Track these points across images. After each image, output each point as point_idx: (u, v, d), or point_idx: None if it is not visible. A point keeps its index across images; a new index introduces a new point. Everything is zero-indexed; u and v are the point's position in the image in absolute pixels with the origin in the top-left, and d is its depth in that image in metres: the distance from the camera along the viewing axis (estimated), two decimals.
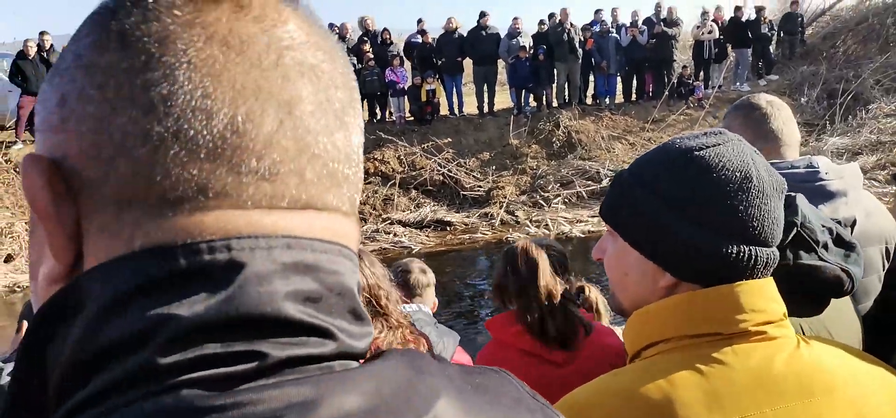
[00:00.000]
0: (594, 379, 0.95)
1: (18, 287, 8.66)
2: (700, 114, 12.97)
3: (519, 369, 1.87)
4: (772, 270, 0.92)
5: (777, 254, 0.92)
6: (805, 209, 1.33)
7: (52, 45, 11.69)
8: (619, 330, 2.52)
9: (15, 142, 11.31)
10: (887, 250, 1.98)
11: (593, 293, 2.75)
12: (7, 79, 11.58)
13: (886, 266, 1.98)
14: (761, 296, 0.88)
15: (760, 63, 14.48)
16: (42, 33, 11.70)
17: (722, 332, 0.86)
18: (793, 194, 1.38)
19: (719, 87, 13.76)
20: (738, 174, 0.87)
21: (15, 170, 10.46)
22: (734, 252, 0.87)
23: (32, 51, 11.31)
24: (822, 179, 1.71)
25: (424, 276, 2.57)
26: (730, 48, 14.14)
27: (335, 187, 0.41)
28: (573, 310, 1.90)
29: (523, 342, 1.87)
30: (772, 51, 14.73)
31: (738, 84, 14.03)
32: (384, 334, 1.88)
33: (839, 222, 1.40)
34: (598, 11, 13.76)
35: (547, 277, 1.89)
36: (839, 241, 1.27)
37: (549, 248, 2.04)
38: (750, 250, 0.87)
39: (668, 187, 0.90)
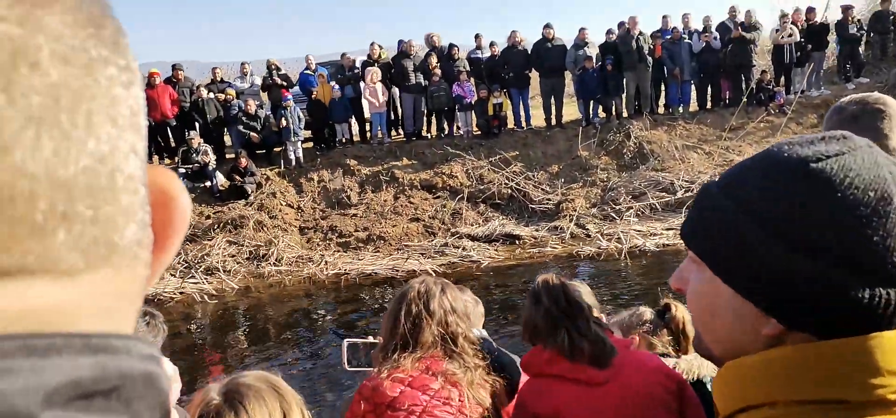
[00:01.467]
0: None
1: None
2: (782, 121, 12.35)
3: (557, 395, 1.83)
4: None
5: None
6: None
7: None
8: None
9: None
10: None
11: (681, 312, 2.50)
12: None
13: None
14: None
15: (848, 65, 13.67)
16: None
17: (849, 400, 0.66)
18: None
19: (802, 91, 13.06)
20: (872, 193, 0.66)
21: None
22: (866, 295, 0.66)
23: None
24: None
25: (479, 308, 2.60)
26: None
27: (34, 237, 0.24)
28: (601, 331, 1.89)
29: (556, 367, 1.83)
30: (861, 52, 13.88)
31: (813, 89, 13.28)
32: (461, 373, 1.87)
33: None
34: (665, 17, 13.37)
35: (570, 301, 1.88)
36: None
37: (572, 284, 2.03)
38: (887, 293, 0.66)
39: (774, 208, 0.69)
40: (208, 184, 11.54)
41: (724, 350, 0.77)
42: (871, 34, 14.14)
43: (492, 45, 13.32)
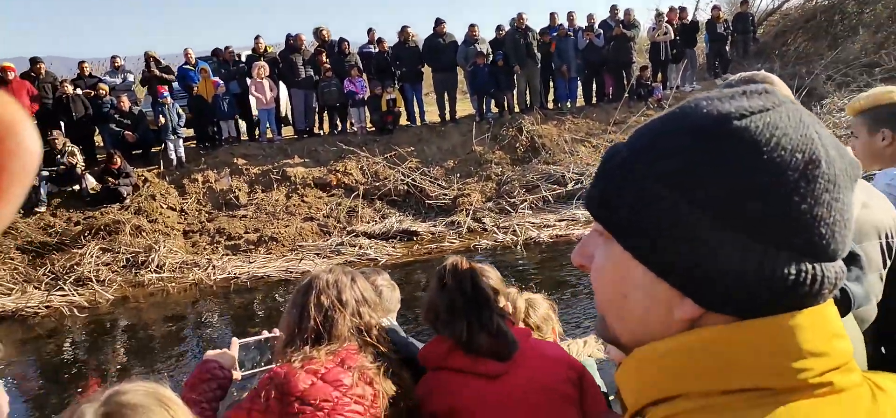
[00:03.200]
0: None
1: None
2: (660, 114, 13.06)
3: (455, 391, 1.73)
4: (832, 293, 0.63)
5: (844, 270, 0.63)
6: None
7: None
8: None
9: None
10: (888, 244, 1.81)
11: (520, 301, 2.34)
12: None
13: (889, 262, 1.82)
14: (824, 332, 0.60)
15: (717, 62, 14.73)
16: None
17: (772, 387, 0.59)
18: None
19: (677, 87, 13.91)
20: (799, 156, 0.58)
21: None
22: (792, 271, 0.58)
23: None
24: None
25: (395, 293, 2.48)
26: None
27: None
28: (503, 323, 1.82)
29: (455, 360, 1.77)
30: (727, 50, 15.01)
31: (687, 85, 14.23)
32: (375, 368, 1.72)
33: None
34: (552, 15, 13.78)
35: (475, 290, 1.81)
36: None
37: (481, 269, 1.93)
38: (813, 268, 0.59)
39: (690, 172, 0.59)
40: (77, 187, 10.54)
41: (633, 335, 0.67)
42: (735, 34, 15.33)
43: (380, 41, 13.14)
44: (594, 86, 14.06)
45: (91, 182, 10.61)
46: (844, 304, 1.49)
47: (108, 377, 6.83)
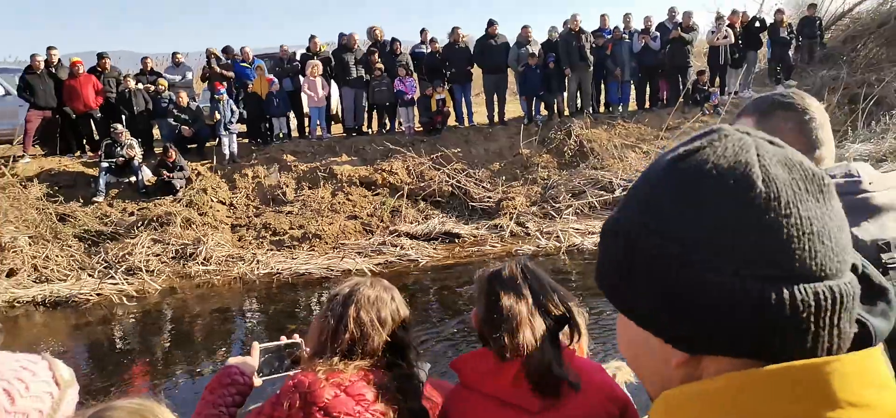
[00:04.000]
0: None
1: (18, 302, 8.56)
2: (716, 121, 12.61)
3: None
4: (853, 316, 0.59)
5: (852, 286, 0.59)
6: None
7: (59, 60, 11.69)
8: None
9: (23, 156, 11.28)
10: None
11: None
12: (17, 94, 11.59)
13: None
14: (864, 381, 0.56)
15: (779, 68, 14.11)
16: (49, 48, 11.69)
17: None
18: None
19: (736, 92, 13.39)
20: (731, 181, 0.58)
21: (22, 185, 10.42)
22: (764, 299, 0.55)
23: (40, 65, 11.31)
24: (865, 190, 1.43)
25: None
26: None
27: None
28: (555, 354, 1.64)
29: (494, 385, 1.64)
30: (791, 55, 14.35)
31: (744, 91, 13.67)
32: (395, 390, 1.68)
33: (888, 244, 1.20)
34: (603, 16, 13.46)
35: (526, 311, 1.65)
36: (865, 282, 1.01)
37: (534, 274, 1.76)
38: (790, 291, 0.55)
39: (643, 219, 0.62)
40: (133, 178, 10.96)
41: (653, 389, 0.68)
42: (800, 38, 14.64)
43: (433, 41, 13.14)
44: (648, 90, 13.70)
45: (147, 174, 11.01)
46: (864, 339, 1.37)
47: (153, 365, 7.06)
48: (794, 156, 0.61)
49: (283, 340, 2.01)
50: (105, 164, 10.77)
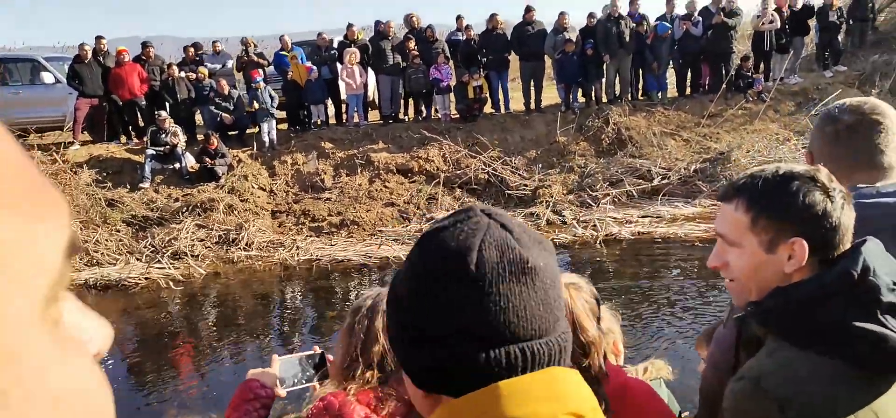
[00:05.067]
0: None
1: (71, 285, 8.88)
2: (760, 108, 12.33)
3: None
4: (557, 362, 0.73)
5: (548, 344, 0.72)
6: (874, 258, 1.08)
7: (107, 50, 12.03)
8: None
9: (72, 143, 11.68)
10: None
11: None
12: (66, 82, 11.98)
13: None
14: (530, 397, 0.69)
15: (827, 53, 13.66)
16: (98, 38, 12.03)
17: None
18: (863, 239, 1.14)
19: (781, 78, 13.03)
20: (453, 263, 0.71)
21: (72, 171, 10.80)
22: (472, 359, 0.70)
23: (88, 54, 11.66)
24: None
25: None
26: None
27: None
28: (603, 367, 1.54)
29: None
30: (840, 40, 13.88)
31: (790, 77, 13.29)
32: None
33: None
34: (633, 1, 13.13)
35: (586, 332, 1.52)
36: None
37: (581, 290, 1.64)
38: (495, 353, 0.69)
39: (395, 302, 0.80)
40: (177, 165, 11.25)
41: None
42: (851, 21, 14.13)
43: (468, 28, 13.10)
44: (689, 76, 13.42)
45: (190, 161, 11.29)
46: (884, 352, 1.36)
47: (198, 348, 7.30)
48: (509, 241, 0.72)
49: (306, 352, 2.03)
50: (150, 152, 11.08)
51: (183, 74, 12.20)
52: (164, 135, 11.20)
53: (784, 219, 1.15)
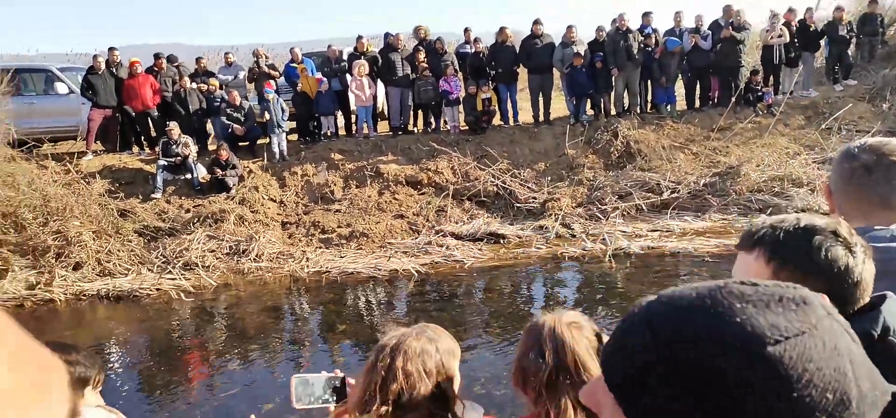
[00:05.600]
0: None
1: (84, 295, 8.99)
2: (770, 122, 12.31)
3: None
4: None
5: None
6: (894, 317, 1.10)
7: (120, 61, 12.15)
8: None
9: (85, 153, 11.79)
10: None
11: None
12: (79, 93, 12.11)
13: None
14: None
15: (837, 67, 13.64)
16: (111, 49, 12.16)
17: None
18: (883, 294, 1.15)
19: (791, 92, 13.02)
20: (830, 396, 0.57)
21: (85, 181, 10.90)
22: None
23: (102, 66, 11.79)
24: None
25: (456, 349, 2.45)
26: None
27: None
28: None
29: None
30: (850, 54, 13.86)
31: (803, 91, 13.28)
32: None
33: None
34: (646, 15, 13.19)
35: (589, 371, 1.61)
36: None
37: (582, 329, 1.72)
38: None
39: (711, 395, 0.58)
40: (188, 176, 11.34)
41: None
42: (860, 36, 14.12)
43: (476, 41, 13.16)
44: (698, 90, 13.43)
45: (201, 172, 11.38)
46: None
47: (211, 359, 7.34)
48: (870, 368, 0.61)
49: (324, 374, 2.08)
50: (162, 162, 11.18)
51: (194, 85, 12.31)
52: (174, 146, 11.29)
53: (807, 273, 1.13)
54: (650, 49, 12.65)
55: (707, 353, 0.59)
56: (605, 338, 1.75)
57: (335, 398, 2.03)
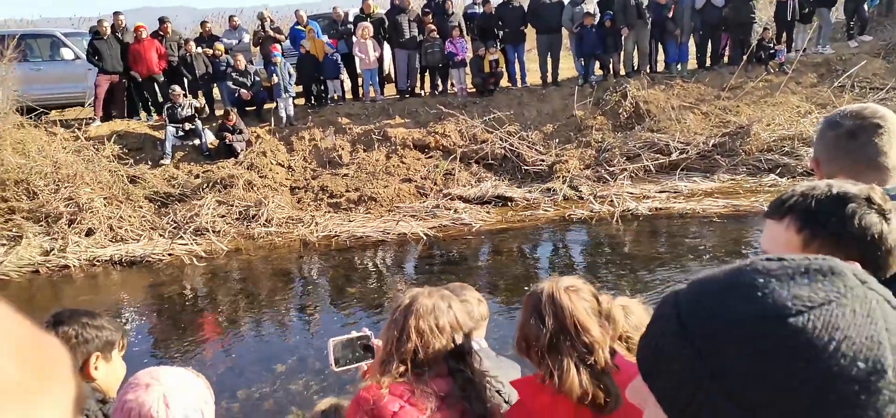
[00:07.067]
0: None
1: (97, 261, 9.10)
2: (782, 80, 12.14)
3: None
4: None
5: None
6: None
7: (125, 25, 12.08)
8: None
9: (93, 120, 11.81)
10: None
11: (616, 310, 1.98)
12: (85, 58, 12.07)
13: None
14: None
15: (852, 22, 13.37)
16: (116, 13, 12.08)
17: None
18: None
19: (804, 50, 12.80)
20: (862, 364, 0.54)
21: (94, 148, 10.95)
22: None
23: (107, 31, 11.72)
24: None
25: (482, 307, 2.47)
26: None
27: None
28: (608, 370, 1.67)
29: (557, 412, 1.65)
30: (866, 8, 13.57)
31: (819, 47, 13.05)
32: (459, 394, 1.76)
33: None
34: None
35: (589, 332, 1.67)
36: None
37: (577, 292, 1.75)
38: None
39: (741, 373, 0.57)
40: (197, 142, 11.36)
41: None
42: None
43: (486, 2, 12.97)
44: (709, 47, 13.23)
45: (210, 137, 11.39)
46: None
47: (223, 323, 7.46)
48: None
49: (354, 334, 2.14)
50: (171, 128, 11.19)
51: (200, 50, 12.24)
52: (180, 110, 11.29)
53: (839, 242, 1.10)
54: (663, 4, 12.41)
55: (726, 338, 0.59)
56: (603, 299, 1.84)
57: (366, 356, 2.11)
